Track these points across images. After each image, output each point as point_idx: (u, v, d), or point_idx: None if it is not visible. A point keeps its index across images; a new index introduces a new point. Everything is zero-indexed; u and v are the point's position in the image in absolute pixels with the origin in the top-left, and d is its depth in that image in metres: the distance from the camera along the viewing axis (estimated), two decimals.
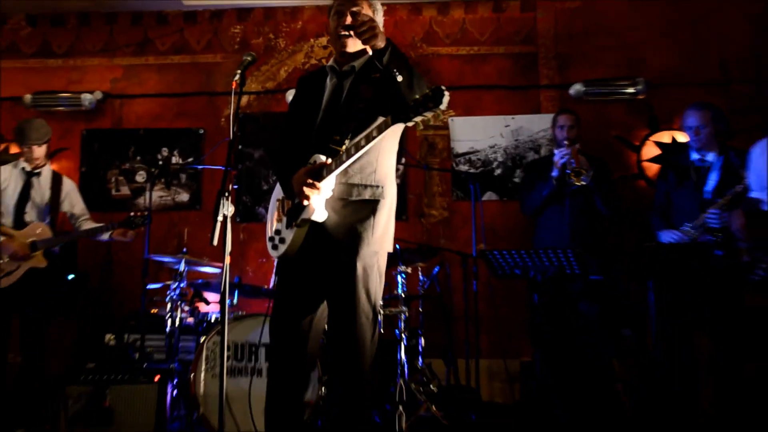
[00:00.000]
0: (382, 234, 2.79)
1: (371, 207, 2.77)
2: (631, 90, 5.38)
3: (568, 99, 5.50)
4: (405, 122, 2.54)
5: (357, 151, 2.66)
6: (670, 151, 4.49)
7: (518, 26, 5.68)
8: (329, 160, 2.70)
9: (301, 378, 2.83)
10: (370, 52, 2.67)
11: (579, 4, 5.63)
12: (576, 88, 5.45)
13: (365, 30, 2.51)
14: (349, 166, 2.72)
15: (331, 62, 2.94)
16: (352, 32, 2.67)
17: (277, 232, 2.84)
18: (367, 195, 2.78)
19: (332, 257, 2.73)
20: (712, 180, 4.17)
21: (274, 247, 2.83)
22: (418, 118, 2.49)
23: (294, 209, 2.77)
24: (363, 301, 2.70)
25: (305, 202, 2.67)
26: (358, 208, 2.76)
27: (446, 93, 2.40)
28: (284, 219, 2.83)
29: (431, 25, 5.75)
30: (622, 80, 5.41)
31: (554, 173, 4.49)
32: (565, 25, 5.63)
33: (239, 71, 2.81)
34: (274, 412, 2.78)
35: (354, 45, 2.84)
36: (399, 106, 2.52)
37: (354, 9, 2.83)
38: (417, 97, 2.47)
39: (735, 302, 3.99)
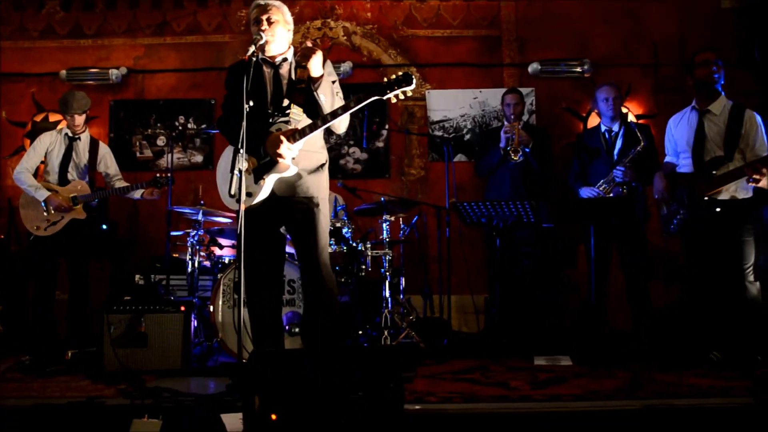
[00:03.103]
0: (326, 185, 3.21)
1: (322, 167, 3.17)
2: (578, 69, 5.47)
3: (526, 76, 5.57)
4: (381, 96, 2.86)
5: (333, 118, 2.94)
6: (585, 133, 4.84)
7: (485, 13, 5.71)
8: (299, 122, 2.99)
9: (276, 302, 3.24)
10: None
11: None
12: (533, 67, 5.52)
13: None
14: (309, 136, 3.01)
15: (261, 56, 3.15)
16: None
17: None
18: (321, 159, 3.17)
19: (297, 205, 3.07)
20: (618, 145, 4.35)
21: (238, 201, 2.89)
22: (392, 94, 2.84)
23: (263, 166, 3.00)
24: (323, 231, 3.11)
25: (280, 160, 2.95)
26: (314, 169, 3.12)
27: (414, 77, 2.81)
28: (251, 175, 3.00)
29: (411, 11, 5.75)
30: (572, 61, 5.48)
31: (502, 144, 4.62)
32: (524, 12, 5.66)
33: (252, 47, 2.91)
34: (259, 330, 3.18)
35: (274, 46, 3.12)
36: (377, 85, 2.86)
37: (264, 16, 3.08)
38: (393, 77, 2.83)
39: (639, 242, 4.28)
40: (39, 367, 3.72)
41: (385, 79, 2.87)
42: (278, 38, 3.11)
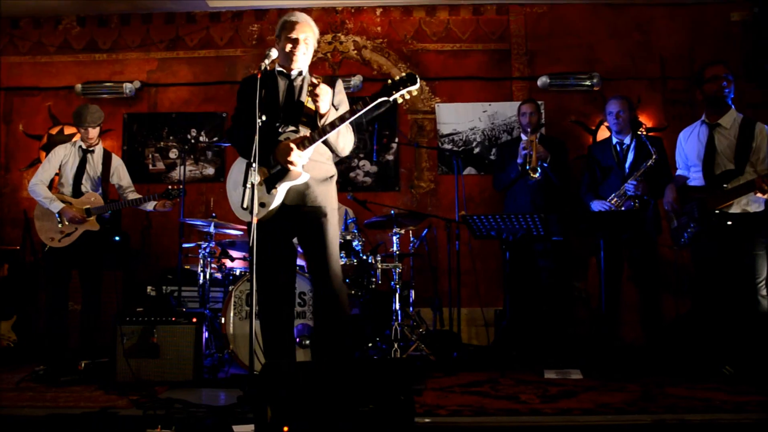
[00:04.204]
0: (334, 196, 3.22)
1: (330, 178, 3.19)
2: (587, 83, 5.49)
3: (535, 89, 5.58)
4: (387, 97, 2.86)
5: (342, 123, 2.95)
6: (596, 145, 4.83)
7: (494, 27, 5.75)
8: (308, 133, 2.99)
9: (288, 314, 3.23)
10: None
11: (545, 9, 5.70)
12: (542, 80, 5.54)
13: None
14: (319, 144, 3.03)
15: (278, 68, 3.20)
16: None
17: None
18: (329, 171, 3.19)
19: (307, 214, 3.08)
20: (629, 158, 4.32)
21: (250, 213, 2.91)
22: (398, 95, 2.85)
23: (274, 176, 3.00)
24: (333, 242, 3.11)
25: (291, 167, 2.94)
26: (322, 179, 3.14)
27: (418, 78, 2.83)
28: (263, 186, 3.00)
29: (420, 25, 5.79)
30: (581, 74, 5.50)
31: (519, 160, 4.63)
32: (533, 26, 5.70)
33: (264, 62, 2.92)
34: (270, 342, 3.17)
35: (301, 62, 3.17)
36: (382, 87, 2.87)
37: (302, 35, 3.14)
38: (397, 78, 2.85)
39: (650, 256, 4.26)
40: (52, 377, 3.73)
41: (389, 81, 2.88)
42: (307, 59, 3.20)
